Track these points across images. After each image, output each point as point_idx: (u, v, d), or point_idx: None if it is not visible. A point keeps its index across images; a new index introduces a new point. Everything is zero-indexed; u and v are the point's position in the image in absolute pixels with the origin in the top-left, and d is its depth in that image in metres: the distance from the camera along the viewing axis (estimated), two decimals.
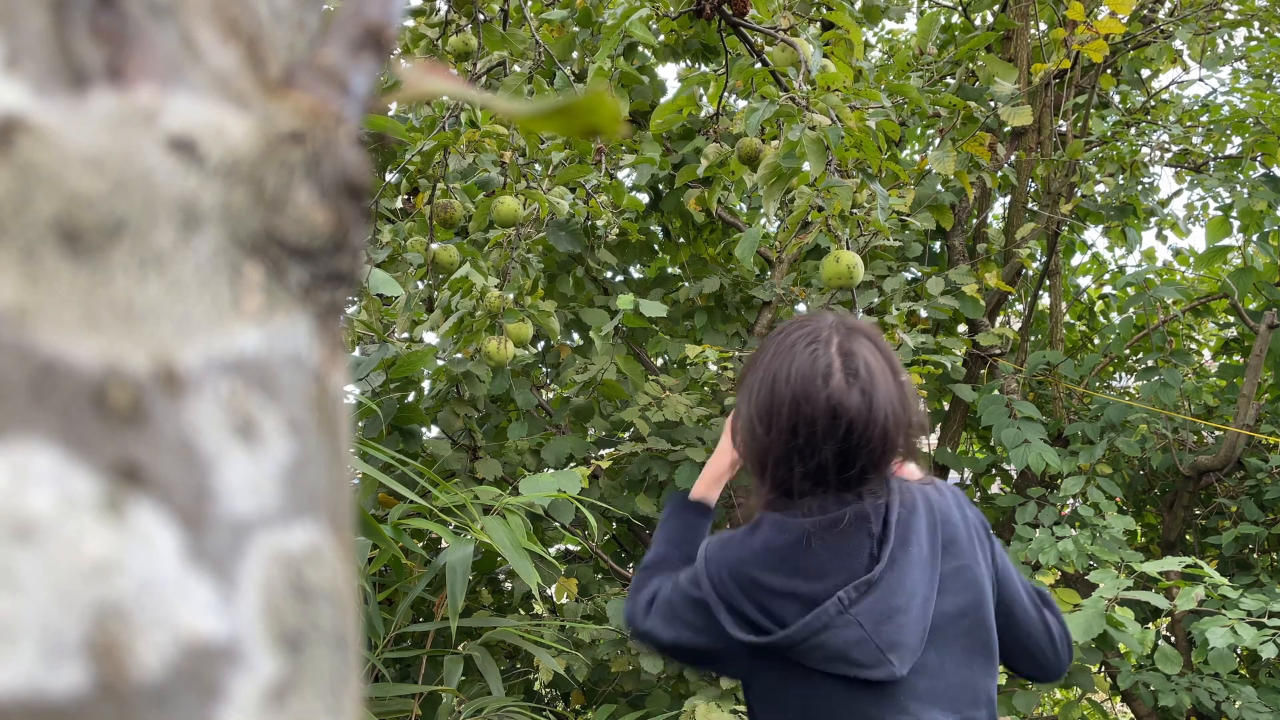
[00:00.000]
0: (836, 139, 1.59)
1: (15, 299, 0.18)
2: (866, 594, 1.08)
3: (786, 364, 1.09)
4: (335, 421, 0.23)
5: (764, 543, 1.12)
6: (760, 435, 1.10)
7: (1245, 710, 2.96)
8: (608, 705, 3.07)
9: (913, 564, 1.11)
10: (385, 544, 1.91)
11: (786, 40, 1.77)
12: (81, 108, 0.19)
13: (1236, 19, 4.00)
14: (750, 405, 1.12)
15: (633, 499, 3.41)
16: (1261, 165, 4.00)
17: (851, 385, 1.07)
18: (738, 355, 3.48)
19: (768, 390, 1.10)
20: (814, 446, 1.07)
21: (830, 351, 1.09)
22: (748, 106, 1.74)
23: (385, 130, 2.11)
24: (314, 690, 0.21)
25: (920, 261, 4.04)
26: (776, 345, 1.13)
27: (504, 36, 2.12)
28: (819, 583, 1.10)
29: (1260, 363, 3.67)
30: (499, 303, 2.21)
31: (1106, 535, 3.19)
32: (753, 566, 1.12)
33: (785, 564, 1.11)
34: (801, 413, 1.07)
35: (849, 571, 1.10)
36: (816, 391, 1.06)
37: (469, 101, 2.13)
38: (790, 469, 1.09)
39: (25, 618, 0.17)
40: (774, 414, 1.09)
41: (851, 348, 1.10)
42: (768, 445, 1.10)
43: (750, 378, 1.15)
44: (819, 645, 1.08)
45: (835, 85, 1.68)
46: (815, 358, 1.08)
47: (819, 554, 1.10)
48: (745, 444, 1.14)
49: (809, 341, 1.10)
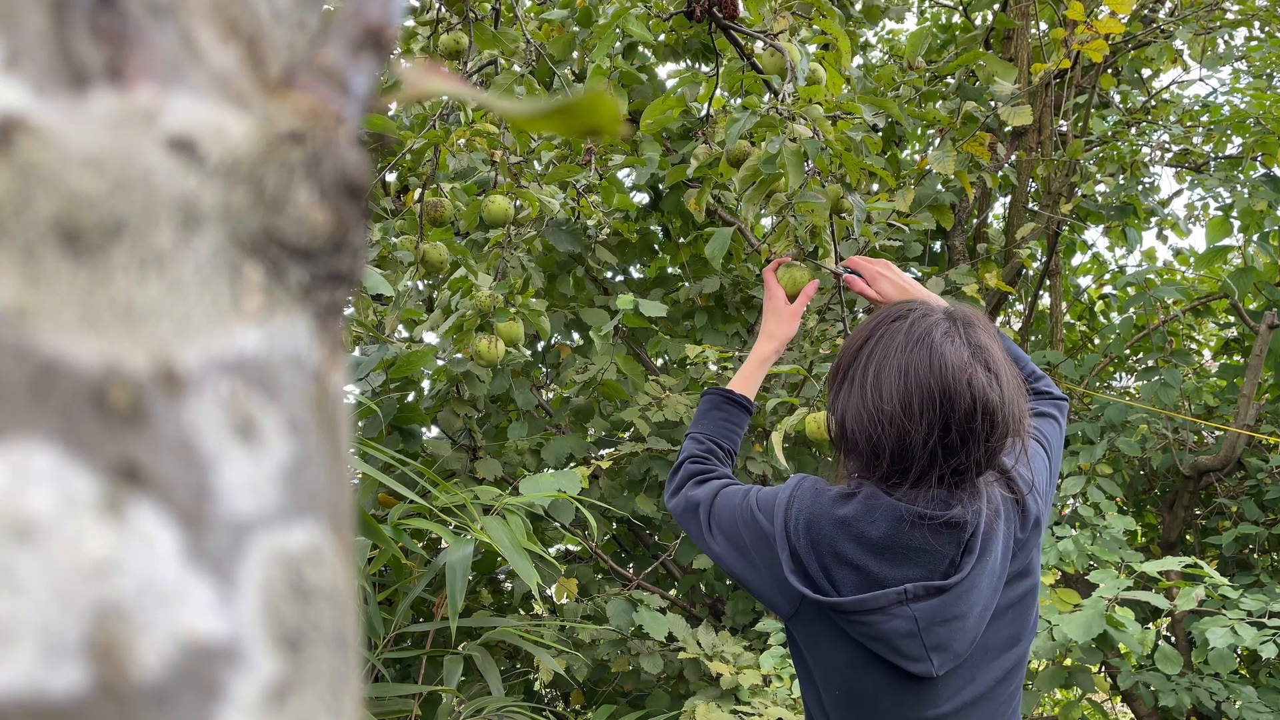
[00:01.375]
0: (816, 151, 1.59)
1: (15, 299, 0.18)
2: (933, 596, 1.08)
3: (924, 355, 1.08)
4: (335, 421, 0.23)
5: (854, 512, 1.12)
6: (892, 421, 1.08)
7: (1245, 710, 2.96)
8: (608, 705, 3.07)
9: (984, 574, 1.11)
10: (385, 544, 1.91)
11: (775, 45, 1.77)
12: (81, 108, 0.19)
13: (1237, 19, 4.00)
14: (876, 390, 1.10)
15: (633, 499, 3.41)
16: (1262, 165, 4.00)
17: (991, 382, 1.08)
18: (738, 355, 3.48)
19: (901, 377, 1.08)
20: (963, 440, 1.07)
21: (964, 345, 1.09)
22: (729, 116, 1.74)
23: (384, 130, 2.11)
24: (314, 690, 0.21)
25: (920, 261, 4.04)
26: (903, 334, 1.11)
27: (495, 35, 2.11)
28: (890, 569, 1.10)
29: (1260, 363, 3.67)
30: (489, 302, 2.21)
31: (1107, 535, 3.19)
32: (833, 529, 1.12)
33: (864, 539, 1.11)
34: (945, 405, 1.06)
35: (925, 570, 1.10)
36: (961, 386, 1.06)
37: (468, 101, 2.14)
38: (913, 456, 1.08)
39: (25, 618, 0.17)
40: (910, 403, 1.07)
41: (980, 340, 1.10)
42: (900, 432, 1.08)
43: (870, 361, 1.12)
44: (867, 623, 1.09)
45: (818, 98, 1.68)
46: (955, 350, 1.08)
47: (903, 542, 1.10)
48: (864, 427, 1.11)
49: (943, 333, 1.10)
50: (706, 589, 3.68)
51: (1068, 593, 2.98)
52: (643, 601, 2.97)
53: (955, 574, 1.09)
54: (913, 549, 1.10)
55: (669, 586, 3.75)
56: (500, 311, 2.25)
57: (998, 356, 1.10)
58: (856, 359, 1.14)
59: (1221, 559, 3.93)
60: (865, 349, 1.14)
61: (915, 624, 1.08)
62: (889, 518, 1.10)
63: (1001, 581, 1.13)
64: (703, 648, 2.92)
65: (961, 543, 1.10)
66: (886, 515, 1.10)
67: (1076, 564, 3.07)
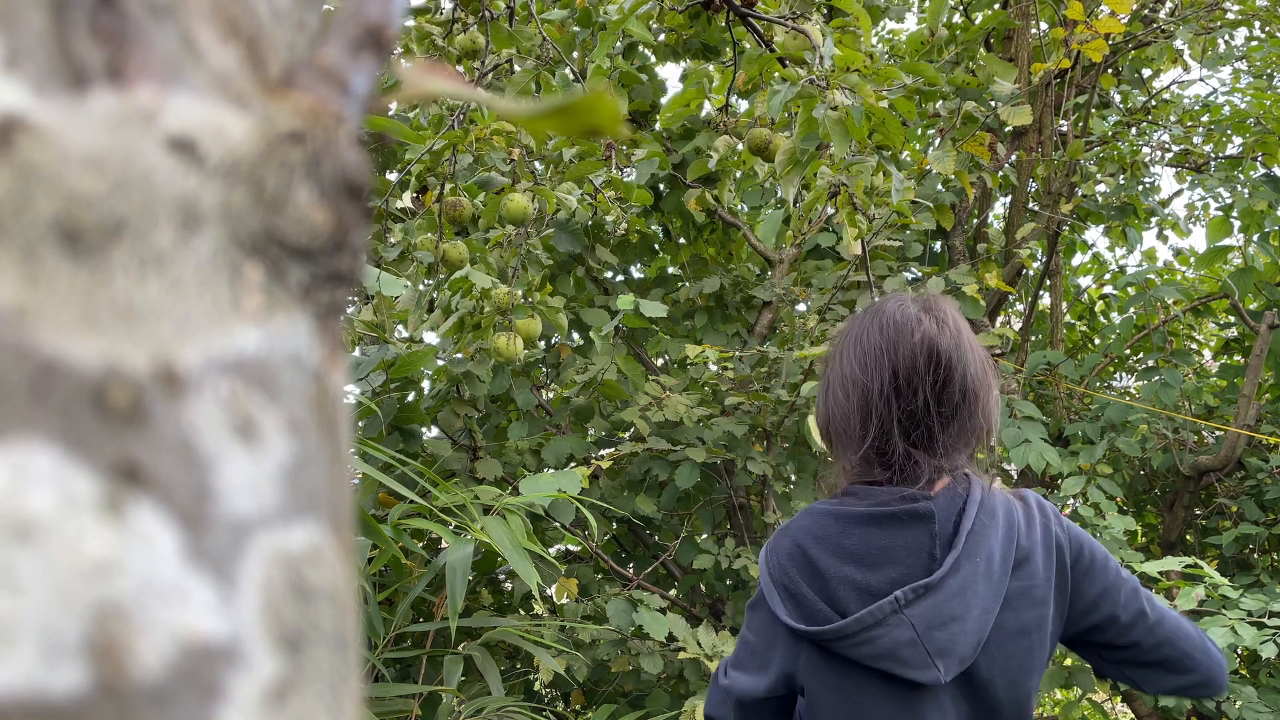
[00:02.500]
0: (860, 117, 1.59)
1: (15, 299, 0.18)
2: (924, 597, 1.07)
3: (875, 320, 1.13)
4: (335, 421, 0.23)
5: (825, 529, 1.12)
6: (855, 388, 1.11)
7: (1245, 710, 2.96)
8: (608, 705, 3.07)
9: (979, 576, 1.09)
10: (385, 544, 1.91)
11: (797, 28, 1.76)
12: (81, 108, 0.19)
13: (1237, 19, 4.00)
14: (840, 365, 1.14)
15: (633, 499, 3.41)
16: (1262, 165, 4.00)
17: (942, 329, 1.11)
18: (738, 355, 3.48)
19: (859, 346, 1.13)
20: (912, 388, 1.09)
21: (917, 308, 1.13)
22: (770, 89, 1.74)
23: (386, 130, 2.11)
24: (314, 690, 0.21)
25: (920, 261, 4.04)
26: (862, 317, 1.17)
27: (511, 34, 2.12)
28: (873, 574, 1.09)
29: (1260, 363, 3.67)
30: (508, 299, 2.21)
31: (1107, 535, 3.19)
32: (816, 549, 1.12)
33: (843, 551, 1.10)
34: (899, 352, 1.10)
35: (905, 568, 1.09)
36: (910, 334, 1.10)
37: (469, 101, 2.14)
38: (872, 411, 1.10)
39: (25, 618, 0.17)
40: (869, 362, 1.11)
41: (938, 306, 1.14)
42: (864, 397, 1.11)
43: (836, 349, 1.17)
44: (869, 640, 1.07)
45: (855, 64, 1.67)
46: (905, 312, 1.13)
47: (877, 544, 1.10)
48: (835, 408, 1.14)
49: (896, 304, 1.15)
50: (706, 589, 3.68)
51: None
52: (643, 601, 2.97)
53: (937, 569, 1.09)
54: (888, 549, 1.10)
55: (669, 586, 3.75)
56: (519, 308, 2.25)
57: (960, 322, 1.14)
58: (830, 361, 1.19)
59: (1221, 559, 3.93)
60: (836, 349, 1.19)
61: (914, 630, 1.07)
62: (858, 523, 1.11)
63: (1002, 590, 1.10)
64: (703, 648, 2.92)
65: (934, 534, 1.10)
66: (855, 521, 1.11)
67: None
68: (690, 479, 3.25)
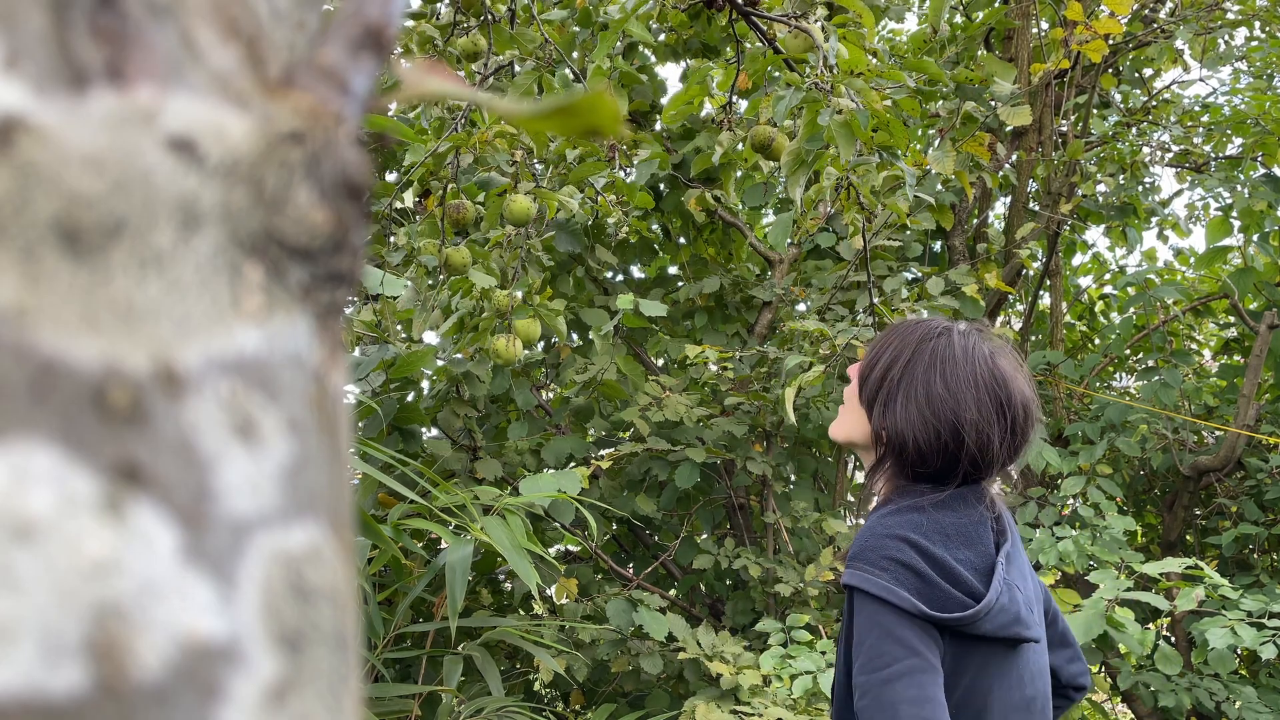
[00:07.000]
0: (866, 122, 1.60)
1: (15, 299, 0.18)
2: (1009, 564, 1.17)
3: (985, 367, 1.21)
4: (335, 421, 0.23)
5: (926, 521, 1.17)
6: (977, 428, 1.18)
7: (1245, 710, 2.96)
8: (608, 705, 3.07)
9: (1021, 559, 1.22)
10: (385, 544, 1.91)
11: (800, 27, 1.76)
12: (81, 108, 0.19)
13: (1237, 19, 4.00)
14: (945, 401, 1.19)
15: (633, 499, 3.41)
16: (1262, 165, 4.00)
17: (1030, 383, 1.23)
18: (738, 355, 3.48)
19: (973, 387, 1.19)
20: (1014, 434, 1.20)
21: (1006, 356, 1.23)
22: (774, 94, 1.74)
23: (386, 130, 2.10)
24: (314, 690, 0.21)
25: (920, 261, 4.04)
26: (956, 348, 1.22)
27: (513, 36, 2.12)
28: (970, 550, 1.16)
29: (1260, 363, 3.67)
30: (508, 301, 2.21)
31: (1107, 535, 3.19)
32: (919, 540, 1.15)
33: (942, 535, 1.16)
34: (1010, 403, 1.19)
35: (984, 542, 1.18)
36: (1018, 386, 1.20)
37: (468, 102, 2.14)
38: (993, 456, 1.19)
39: (25, 618, 0.17)
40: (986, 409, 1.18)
41: (1008, 350, 1.25)
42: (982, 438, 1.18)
43: (917, 376, 1.21)
44: (1001, 610, 1.13)
45: (859, 68, 1.68)
46: (1006, 358, 1.22)
47: (959, 523, 1.17)
48: (932, 436, 1.19)
49: (991, 348, 1.23)
50: (706, 589, 3.68)
51: (1068, 593, 2.99)
52: (643, 601, 2.97)
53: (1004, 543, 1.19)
54: (968, 526, 1.18)
55: (669, 586, 3.75)
56: (519, 309, 2.25)
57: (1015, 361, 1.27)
58: (904, 375, 1.22)
59: (1221, 559, 3.93)
60: (907, 365, 1.22)
61: (1018, 591, 1.16)
62: (940, 510, 1.18)
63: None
64: (703, 648, 2.92)
65: (990, 507, 1.21)
66: (938, 509, 1.18)
67: (1076, 564, 3.07)
68: (690, 479, 3.25)
